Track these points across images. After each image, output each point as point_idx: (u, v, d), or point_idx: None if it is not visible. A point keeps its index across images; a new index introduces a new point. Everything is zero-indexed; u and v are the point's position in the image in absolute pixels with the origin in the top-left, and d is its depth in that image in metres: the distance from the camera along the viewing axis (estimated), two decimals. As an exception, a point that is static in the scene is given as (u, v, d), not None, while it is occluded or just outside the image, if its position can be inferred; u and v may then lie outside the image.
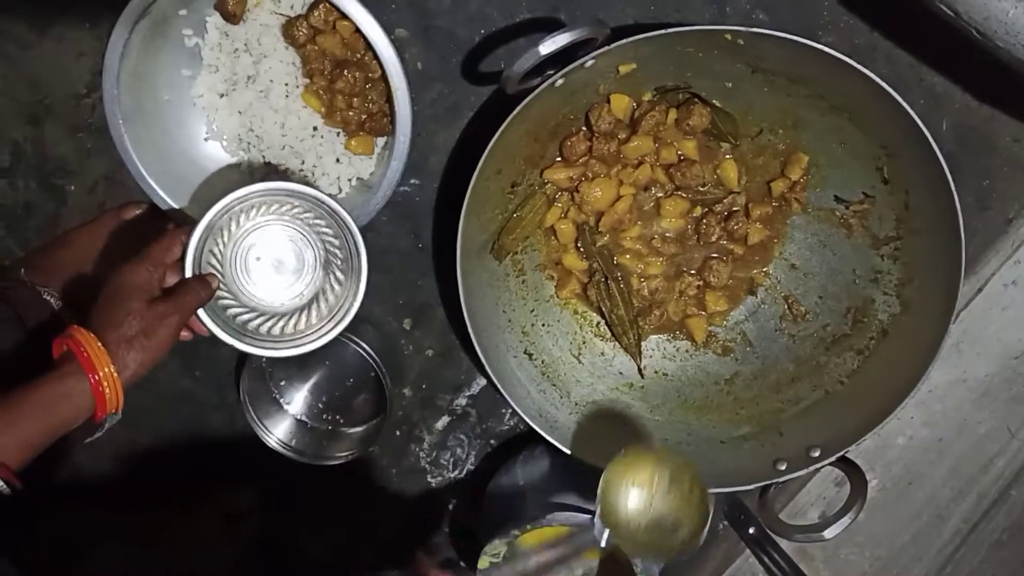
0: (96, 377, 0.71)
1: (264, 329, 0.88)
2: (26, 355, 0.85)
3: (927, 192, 0.84)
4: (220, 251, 0.86)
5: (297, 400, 1.10)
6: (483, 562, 0.94)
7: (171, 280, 0.81)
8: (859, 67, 0.77)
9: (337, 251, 0.88)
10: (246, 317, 0.88)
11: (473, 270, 0.91)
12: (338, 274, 0.89)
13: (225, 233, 0.86)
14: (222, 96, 0.95)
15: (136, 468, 1.15)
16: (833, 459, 0.89)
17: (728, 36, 0.80)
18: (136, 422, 1.10)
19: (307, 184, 0.84)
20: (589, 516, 0.90)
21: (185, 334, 0.82)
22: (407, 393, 1.11)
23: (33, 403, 0.69)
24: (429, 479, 1.15)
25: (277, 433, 1.07)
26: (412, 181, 1.01)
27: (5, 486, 0.66)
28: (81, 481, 1.14)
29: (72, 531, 1.08)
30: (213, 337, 0.84)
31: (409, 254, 1.04)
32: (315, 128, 0.95)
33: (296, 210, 0.87)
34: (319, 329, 0.88)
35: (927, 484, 1.13)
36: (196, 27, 0.93)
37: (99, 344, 0.72)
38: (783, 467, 0.90)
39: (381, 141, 0.96)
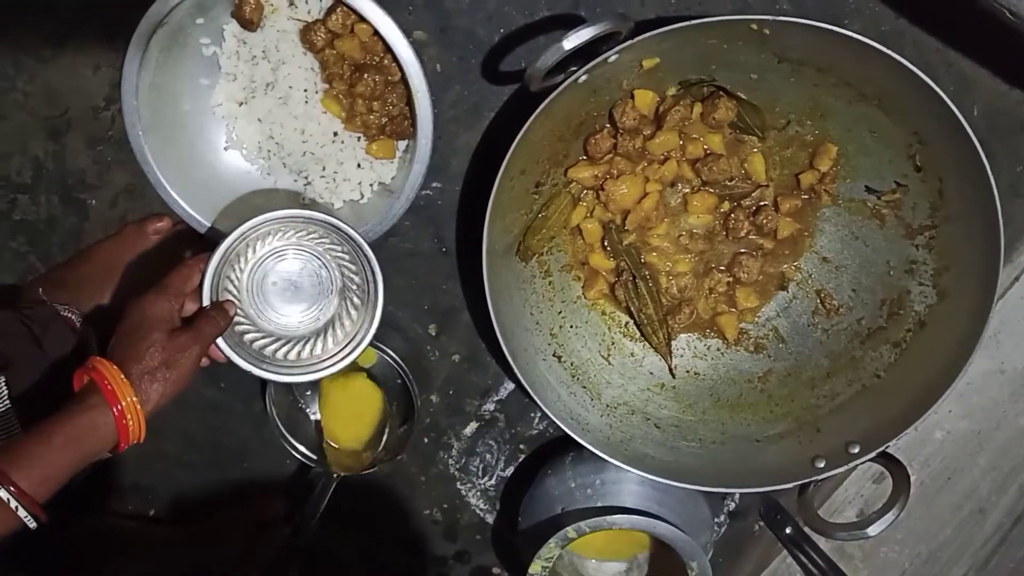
0: (119, 409, 0.71)
1: (281, 354, 0.89)
2: (45, 376, 0.85)
3: (962, 179, 0.82)
4: (237, 277, 0.87)
5: (324, 409, 1.10)
6: (535, 567, 0.93)
7: (190, 308, 0.82)
8: (890, 52, 0.75)
9: (354, 276, 0.88)
10: (263, 342, 0.88)
11: (499, 272, 0.90)
12: (355, 299, 0.89)
13: (242, 260, 0.87)
14: (241, 104, 0.95)
15: (163, 477, 1.15)
16: (873, 455, 0.87)
17: (753, 26, 0.78)
18: (162, 432, 1.09)
19: (324, 211, 0.85)
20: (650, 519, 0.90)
21: (203, 362, 0.82)
22: (434, 399, 1.10)
23: (60, 436, 0.69)
24: (459, 486, 1.14)
25: (304, 443, 1.06)
26: (434, 184, 1.00)
27: (32, 519, 0.66)
28: (108, 490, 1.14)
29: (100, 540, 1.08)
30: (231, 363, 0.84)
31: (433, 258, 1.03)
32: (335, 133, 0.94)
33: (313, 236, 0.88)
34: (336, 354, 0.89)
35: (967, 478, 1.11)
36: (213, 36, 0.92)
37: (122, 376, 0.72)
38: (822, 464, 0.89)
39: (402, 145, 0.95)
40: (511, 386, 1.09)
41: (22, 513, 0.65)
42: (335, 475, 1.03)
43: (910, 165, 0.87)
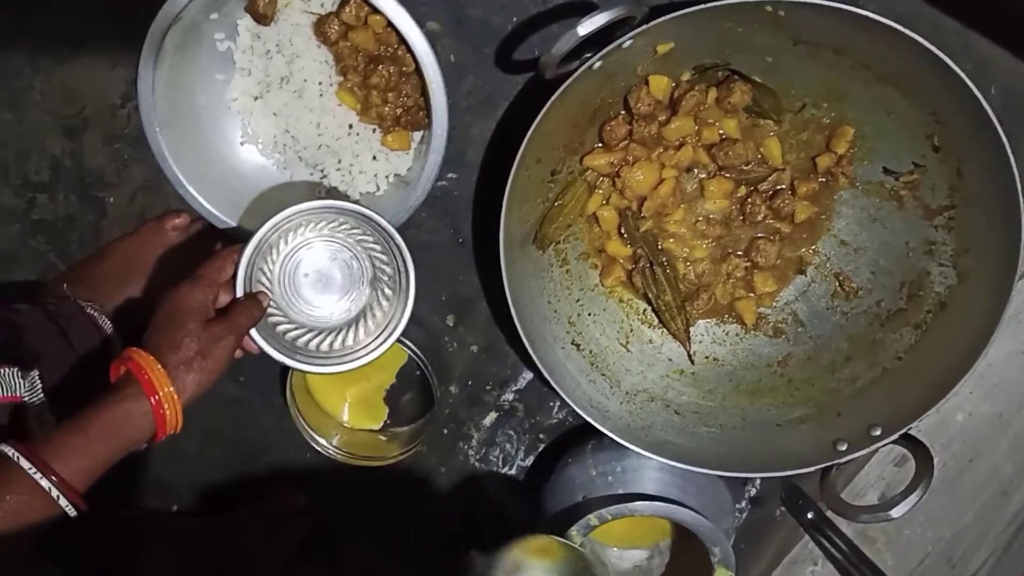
0: (156, 399, 0.72)
1: (313, 345, 0.89)
2: (73, 370, 0.86)
3: (981, 159, 0.82)
4: (270, 269, 0.87)
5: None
6: None
7: (224, 299, 0.82)
8: (907, 32, 0.75)
9: (385, 267, 0.89)
10: (295, 334, 0.88)
11: (516, 261, 0.90)
12: (386, 290, 0.89)
13: (274, 251, 0.87)
14: (256, 99, 0.95)
15: (184, 472, 1.15)
16: (895, 437, 0.86)
17: (768, 8, 0.78)
18: (183, 426, 1.09)
19: (355, 202, 0.85)
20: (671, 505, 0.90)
21: (236, 353, 0.83)
22: (453, 390, 1.10)
23: (99, 427, 0.69)
24: (479, 476, 1.14)
25: (324, 435, 1.07)
26: (450, 175, 1.00)
27: (72, 508, 0.67)
28: (131, 486, 1.14)
29: (121, 533, 1.08)
30: (263, 354, 0.84)
31: (450, 249, 1.03)
32: (351, 126, 0.94)
33: (344, 227, 0.88)
34: (368, 345, 0.89)
35: (989, 460, 1.11)
36: (227, 31, 0.92)
37: (159, 366, 0.73)
38: (843, 447, 0.88)
39: (417, 136, 0.95)
40: (530, 376, 1.10)
41: (63, 502, 0.66)
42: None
43: (928, 146, 0.87)
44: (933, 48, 0.75)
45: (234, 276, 0.82)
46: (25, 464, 0.65)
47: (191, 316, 0.76)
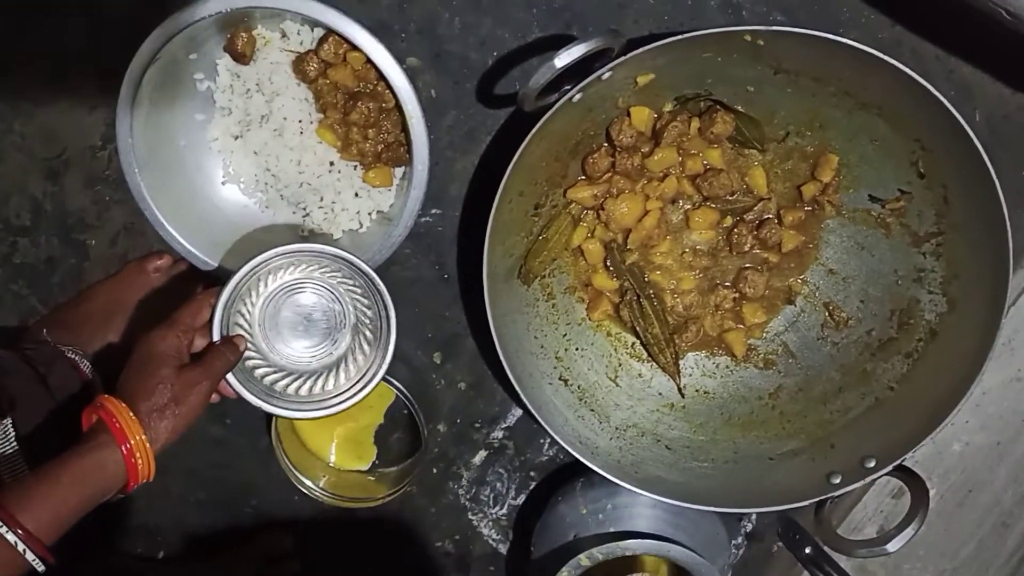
0: (128, 447, 0.70)
1: (292, 389, 0.87)
2: (51, 416, 0.84)
3: (967, 185, 0.81)
4: (248, 311, 0.86)
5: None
6: None
7: (199, 343, 0.81)
8: (888, 59, 0.74)
9: (366, 310, 0.88)
10: (274, 377, 0.87)
11: (501, 297, 0.89)
12: (367, 333, 0.88)
13: (253, 294, 0.86)
14: (237, 138, 0.94)
15: (170, 517, 1.14)
16: (889, 469, 0.85)
17: (748, 37, 0.77)
18: (168, 471, 1.08)
19: (336, 243, 0.84)
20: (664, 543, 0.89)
21: (213, 397, 0.81)
22: (441, 428, 1.09)
23: (68, 476, 0.68)
24: (470, 516, 1.13)
25: (311, 477, 1.05)
26: (433, 211, 0.99)
27: (40, 562, 0.65)
28: (116, 532, 1.12)
29: (109, 577, 1.07)
30: (240, 399, 0.83)
31: (434, 285, 1.02)
32: (332, 163, 0.93)
33: (325, 270, 0.87)
34: (348, 389, 0.88)
35: (988, 491, 1.09)
36: (207, 70, 0.92)
37: (131, 414, 0.72)
38: (837, 480, 0.87)
39: (399, 172, 0.94)
40: (519, 412, 1.08)
41: (30, 556, 0.64)
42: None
43: (913, 172, 0.86)
44: (915, 75, 0.74)
45: (211, 320, 0.81)
46: None
47: (164, 362, 0.75)
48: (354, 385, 0.88)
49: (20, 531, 0.63)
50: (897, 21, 0.91)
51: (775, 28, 0.76)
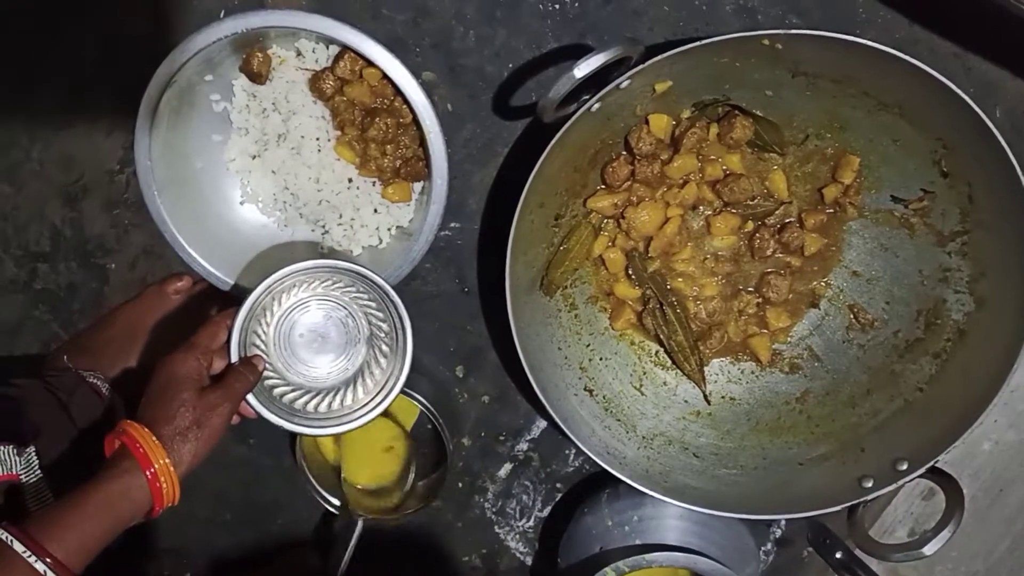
0: (152, 472, 0.70)
1: (311, 407, 0.87)
2: (74, 444, 0.84)
3: (991, 182, 0.80)
4: (264, 331, 0.86)
5: (355, 459, 1.08)
6: None
7: (218, 365, 0.81)
8: (907, 58, 0.74)
9: (381, 324, 0.87)
10: (293, 395, 0.87)
11: (523, 309, 0.89)
12: (383, 347, 0.88)
13: (268, 313, 0.86)
14: (254, 158, 0.94)
15: (197, 539, 1.14)
16: (923, 471, 0.84)
17: (765, 42, 0.77)
18: (193, 493, 1.08)
19: (347, 259, 0.84)
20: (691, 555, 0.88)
21: (234, 419, 0.81)
22: (466, 442, 1.08)
23: (94, 504, 0.68)
24: (496, 530, 1.12)
25: (336, 494, 1.05)
26: (452, 224, 0.99)
27: None
28: (144, 555, 1.12)
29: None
30: (261, 419, 0.83)
31: (455, 299, 1.02)
32: (350, 180, 0.93)
33: (339, 285, 0.87)
34: (366, 404, 0.87)
35: (1019, 490, 1.08)
36: (223, 91, 0.92)
37: (154, 439, 0.72)
38: (869, 484, 0.86)
39: (418, 187, 0.94)
40: (543, 424, 1.07)
41: None
42: (358, 519, 1.00)
43: (936, 171, 0.85)
44: (935, 73, 0.74)
45: (228, 341, 0.81)
46: (19, 547, 0.63)
47: (185, 386, 0.75)
48: (374, 398, 0.88)
49: (49, 559, 0.63)
50: (914, 20, 0.90)
51: (792, 31, 0.75)
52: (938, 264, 0.89)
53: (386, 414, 0.99)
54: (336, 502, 1.04)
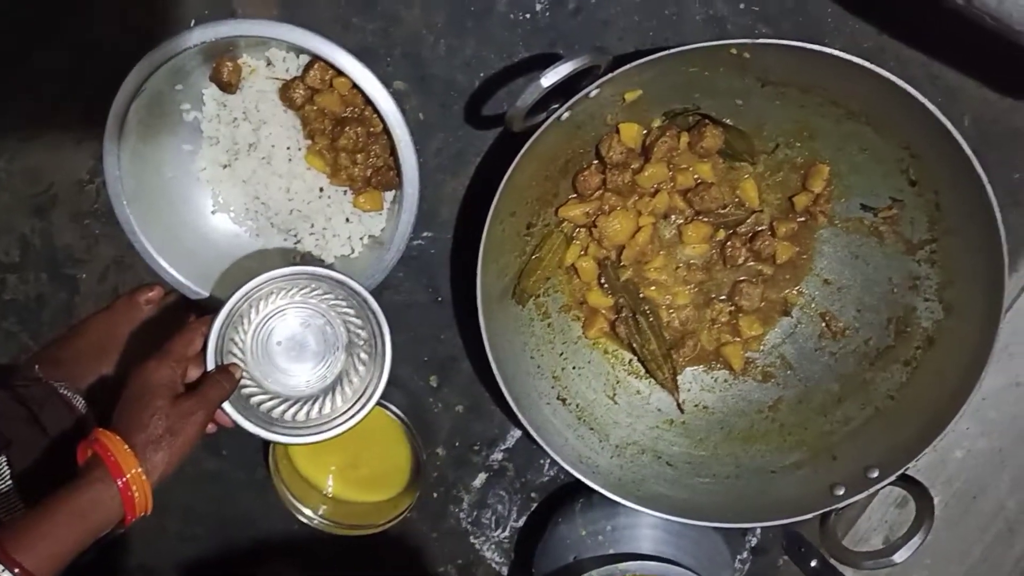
0: (124, 481, 0.70)
1: (289, 415, 0.87)
2: (45, 454, 0.84)
3: (958, 190, 0.81)
4: (241, 339, 0.86)
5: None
6: None
7: (193, 373, 0.80)
8: (873, 67, 0.74)
9: (360, 331, 0.87)
10: (270, 404, 0.86)
11: (496, 318, 0.89)
12: (362, 355, 0.87)
13: (245, 320, 0.85)
14: (225, 167, 0.94)
15: (168, 555, 1.12)
16: (893, 479, 0.84)
17: (733, 51, 0.77)
18: (165, 506, 1.07)
19: (328, 266, 0.84)
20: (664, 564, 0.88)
21: (210, 427, 0.81)
22: (440, 452, 1.08)
23: (65, 512, 0.67)
24: (472, 540, 1.12)
25: (310, 506, 1.04)
26: (425, 234, 0.98)
27: None
28: (113, 569, 1.11)
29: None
30: (238, 428, 0.82)
31: (428, 308, 1.02)
32: (321, 189, 0.93)
33: (316, 292, 0.86)
34: (345, 412, 0.87)
35: (992, 497, 1.08)
36: (193, 101, 0.92)
37: (126, 447, 0.71)
38: (841, 492, 0.86)
39: (389, 196, 0.94)
40: (518, 434, 1.07)
41: None
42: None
43: (904, 180, 0.86)
44: (900, 81, 0.74)
45: (204, 349, 0.80)
46: None
47: (158, 393, 0.74)
48: (352, 407, 0.87)
49: (18, 570, 0.63)
50: (882, 29, 0.91)
51: (759, 41, 0.76)
52: (908, 272, 0.90)
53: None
54: (308, 512, 1.03)
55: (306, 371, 0.88)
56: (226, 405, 0.81)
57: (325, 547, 1.09)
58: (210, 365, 0.81)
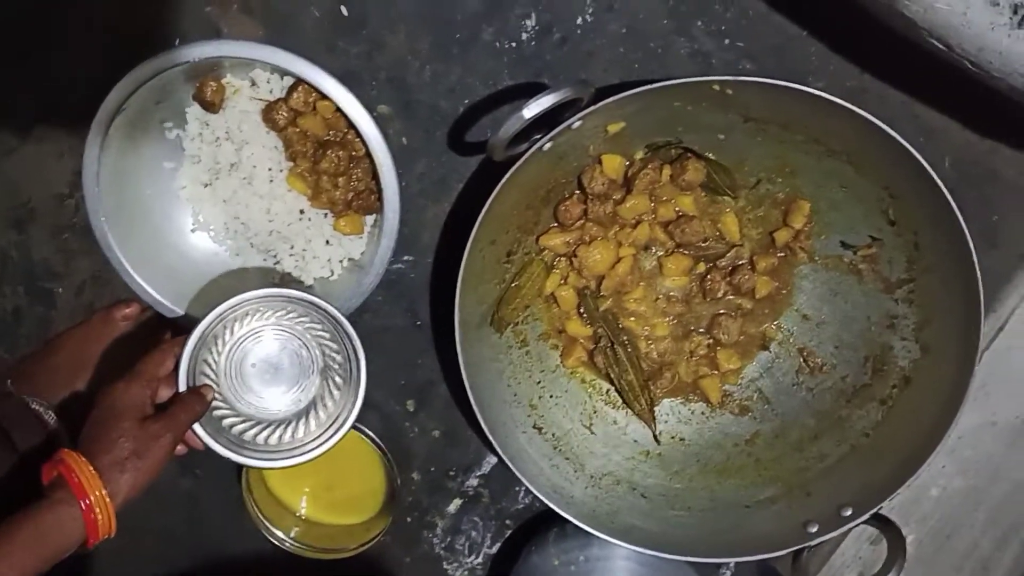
0: (87, 503, 0.69)
1: (261, 439, 0.86)
2: (15, 471, 0.82)
3: (936, 231, 0.81)
4: (215, 360, 0.85)
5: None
6: None
7: (164, 394, 0.80)
8: (851, 107, 0.75)
9: (335, 355, 0.87)
10: (243, 427, 0.86)
11: (473, 344, 0.89)
12: (336, 379, 0.87)
13: (219, 342, 0.85)
14: (206, 186, 0.94)
15: (139, 573, 1.11)
16: (866, 517, 0.84)
17: (716, 87, 0.78)
18: (137, 528, 1.05)
19: (300, 286, 0.83)
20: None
21: (180, 449, 0.81)
22: (415, 477, 1.07)
23: (26, 534, 0.66)
24: (445, 566, 1.11)
25: (283, 528, 1.03)
26: (405, 258, 0.98)
27: None
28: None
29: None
30: (209, 451, 0.81)
31: (407, 333, 1.01)
32: (302, 211, 0.93)
33: (292, 315, 0.86)
34: (318, 437, 0.87)
35: (966, 536, 1.08)
36: (176, 119, 0.92)
37: (91, 468, 0.70)
38: (814, 529, 0.86)
39: (370, 220, 0.94)
40: (494, 460, 1.07)
41: None
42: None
43: (884, 219, 0.86)
44: (879, 122, 0.75)
45: (176, 370, 0.79)
46: None
47: (126, 414, 0.74)
48: (325, 431, 0.87)
49: None
50: (865, 69, 0.91)
51: (742, 78, 0.76)
52: (885, 311, 0.90)
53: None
54: (280, 534, 1.02)
55: (280, 394, 0.88)
56: (197, 427, 0.80)
57: (298, 570, 1.08)
58: (182, 386, 0.80)
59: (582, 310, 0.96)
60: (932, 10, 0.70)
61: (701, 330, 0.97)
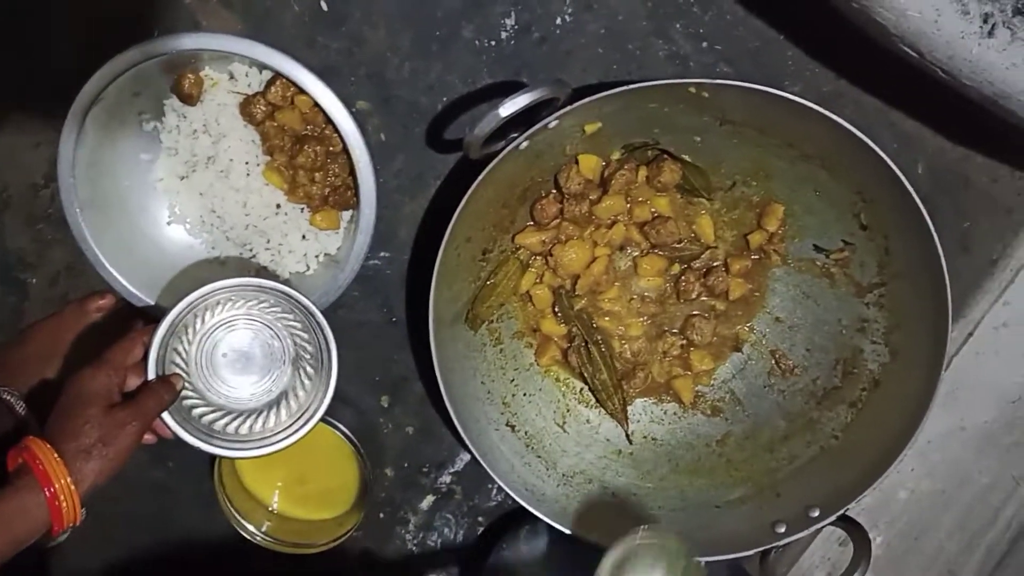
0: (52, 490, 0.69)
1: (232, 428, 0.86)
2: None
3: (907, 236, 0.82)
4: (185, 349, 0.85)
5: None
6: None
7: (133, 382, 0.79)
8: (825, 112, 0.75)
9: (307, 345, 0.86)
10: (212, 416, 0.85)
11: (447, 342, 0.89)
12: (308, 369, 0.87)
13: (190, 331, 0.84)
14: (182, 179, 0.93)
15: (109, 562, 1.11)
16: (833, 518, 0.85)
17: (692, 89, 0.78)
18: (107, 518, 1.05)
19: (275, 279, 0.83)
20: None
21: (149, 438, 0.80)
22: (388, 473, 1.07)
23: None
24: (417, 562, 1.11)
25: (254, 522, 1.03)
26: (381, 254, 0.98)
27: None
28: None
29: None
30: (178, 440, 0.81)
31: (382, 328, 1.01)
32: (278, 205, 0.93)
33: (264, 305, 0.86)
34: (289, 427, 0.86)
35: (934, 538, 1.09)
36: (153, 111, 0.91)
37: (55, 456, 0.70)
38: (782, 530, 0.87)
39: (347, 215, 0.94)
40: (467, 457, 1.07)
41: None
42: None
43: (856, 223, 0.87)
44: (852, 128, 0.75)
45: (145, 358, 0.79)
46: None
47: (92, 402, 0.73)
48: (296, 421, 0.87)
49: None
50: (841, 74, 0.92)
51: (718, 81, 0.77)
52: (856, 314, 0.91)
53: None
54: (251, 528, 1.02)
55: (251, 384, 0.88)
56: (165, 416, 0.80)
57: (269, 564, 1.07)
58: (151, 375, 0.80)
59: (557, 309, 0.96)
60: (905, 18, 0.71)
61: (675, 331, 0.98)
